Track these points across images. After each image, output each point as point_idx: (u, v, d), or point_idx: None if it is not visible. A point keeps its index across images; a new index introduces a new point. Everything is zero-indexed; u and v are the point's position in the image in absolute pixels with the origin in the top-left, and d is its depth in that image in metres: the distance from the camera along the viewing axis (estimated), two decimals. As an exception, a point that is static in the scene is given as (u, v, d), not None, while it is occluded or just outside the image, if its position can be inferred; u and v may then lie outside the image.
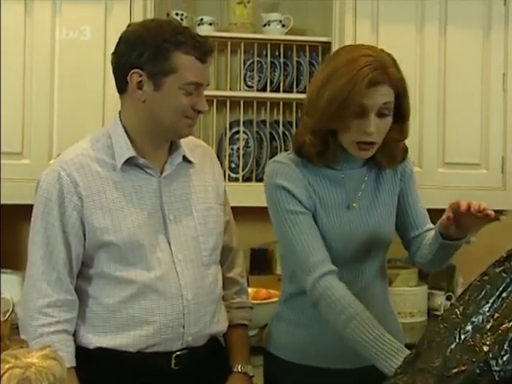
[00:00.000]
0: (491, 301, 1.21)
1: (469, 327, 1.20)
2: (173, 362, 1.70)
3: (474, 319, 1.21)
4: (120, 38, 1.69)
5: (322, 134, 1.69)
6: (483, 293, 1.24)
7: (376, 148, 1.69)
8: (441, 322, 1.27)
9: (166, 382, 1.70)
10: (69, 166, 1.67)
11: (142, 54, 1.63)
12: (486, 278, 1.27)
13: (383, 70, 1.63)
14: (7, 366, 1.09)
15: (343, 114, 1.63)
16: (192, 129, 1.74)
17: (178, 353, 1.71)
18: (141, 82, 1.64)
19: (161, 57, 1.62)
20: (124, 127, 1.71)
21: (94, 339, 1.68)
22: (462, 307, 1.25)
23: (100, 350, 1.67)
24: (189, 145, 1.81)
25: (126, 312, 1.67)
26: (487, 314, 1.20)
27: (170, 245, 1.71)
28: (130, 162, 1.70)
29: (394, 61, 1.69)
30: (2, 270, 2.52)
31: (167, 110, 1.66)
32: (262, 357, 1.92)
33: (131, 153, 1.69)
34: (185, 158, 1.78)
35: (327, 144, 1.71)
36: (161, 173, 1.74)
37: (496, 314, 1.18)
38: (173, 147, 1.77)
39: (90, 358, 1.67)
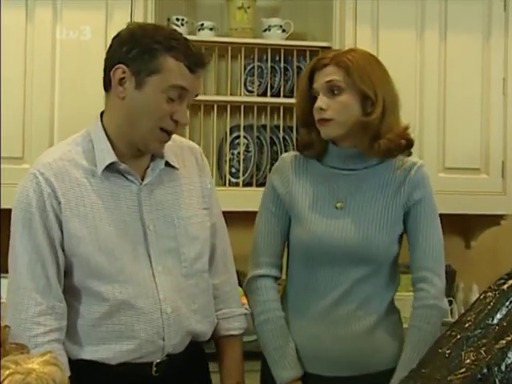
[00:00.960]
0: (499, 311, 1.21)
1: (474, 336, 1.20)
2: (153, 369, 1.67)
3: (479, 328, 1.21)
4: (115, 35, 1.67)
5: (306, 128, 1.82)
6: (492, 303, 1.23)
7: (336, 125, 1.74)
8: (447, 331, 1.27)
9: None
10: (47, 171, 1.61)
11: (130, 51, 1.59)
12: (495, 288, 1.26)
13: (332, 54, 1.77)
14: (8, 372, 1.09)
15: (301, 102, 1.81)
16: (164, 146, 1.67)
17: (158, 360, 1.67)
18: (123, 78, 1.60)
19: (148, 56, 1.58)
20: (105, 130, 1.66)
21: (74, 351, 1.63)
22: (470, 317, 1.24)
23: (81, 361, 1.63)
24: (174, 146, 1.74)
25: (106, 327, 1.62)
26: (494, 323, 1.19)
27: (149, 257, 1.66)
28: (110, 168, 1.64)
29: (353, 50, 1.82)
30: (1, 275, 2.51)
31: (144, 112, 1.59)
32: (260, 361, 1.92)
33: (112, 158, 1.63)
34: (167, 163, 1.71)
35: (312, 136, 1.81)
36: (142, 179, 1.68)
37: (503, 323, 1.18)
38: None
39: (71, 369, 1.58)
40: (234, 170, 2.84)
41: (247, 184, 2.80)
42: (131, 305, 1.62)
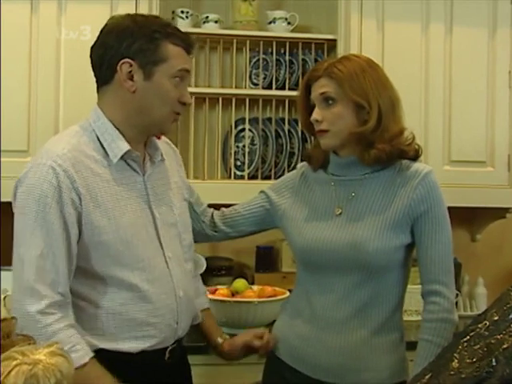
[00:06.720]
0: None
1: (488, 332, 1.20)
2: (166, 356, 1.71)
3: (492, 326, 1.20)
4: (103, 30, 1.67)
5: (313, 136, 1.88)
6: (508, 304, 1.22)
7: (332, 136, 1.77)
8: (465, 328, 1.27)
9: (161, 374, 1.70)
10: (64, 162, 1.58)
11: (131, 45, 1.61)
12: None
13: (325, 65, 1.78)
14: (15, 363, 1.09)
15: (301, 111, 1.85)
16: (172, 126, 1.74)
17: (170, 347, 1.72)
18: (131, 72, 1.62)
19: (152, 46, 1.62)
20: (110, 121, 1.67)
21: (94, 342, 1.61)
22: (485, 315, 1.24)
23: (100, 352, 1.60)
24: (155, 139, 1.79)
25: (127, 314, 1.63)
26: (508, 321, 1.19)
27: (160, 243, 1.70)
28: (120, 158, 1.66)
29: (347, 58, 1.81)
30: (2, 268, 2.51)
31: (157, 100, 1.65)
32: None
33: (127, 146, 1.65)
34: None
35: (314, 146, 1.88)
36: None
37: None
38: (151, 145, 1.75)
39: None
40: (239, 163, 2.84)
41: (252, 177, 2.80)
42: (150, 290, 1.66)
